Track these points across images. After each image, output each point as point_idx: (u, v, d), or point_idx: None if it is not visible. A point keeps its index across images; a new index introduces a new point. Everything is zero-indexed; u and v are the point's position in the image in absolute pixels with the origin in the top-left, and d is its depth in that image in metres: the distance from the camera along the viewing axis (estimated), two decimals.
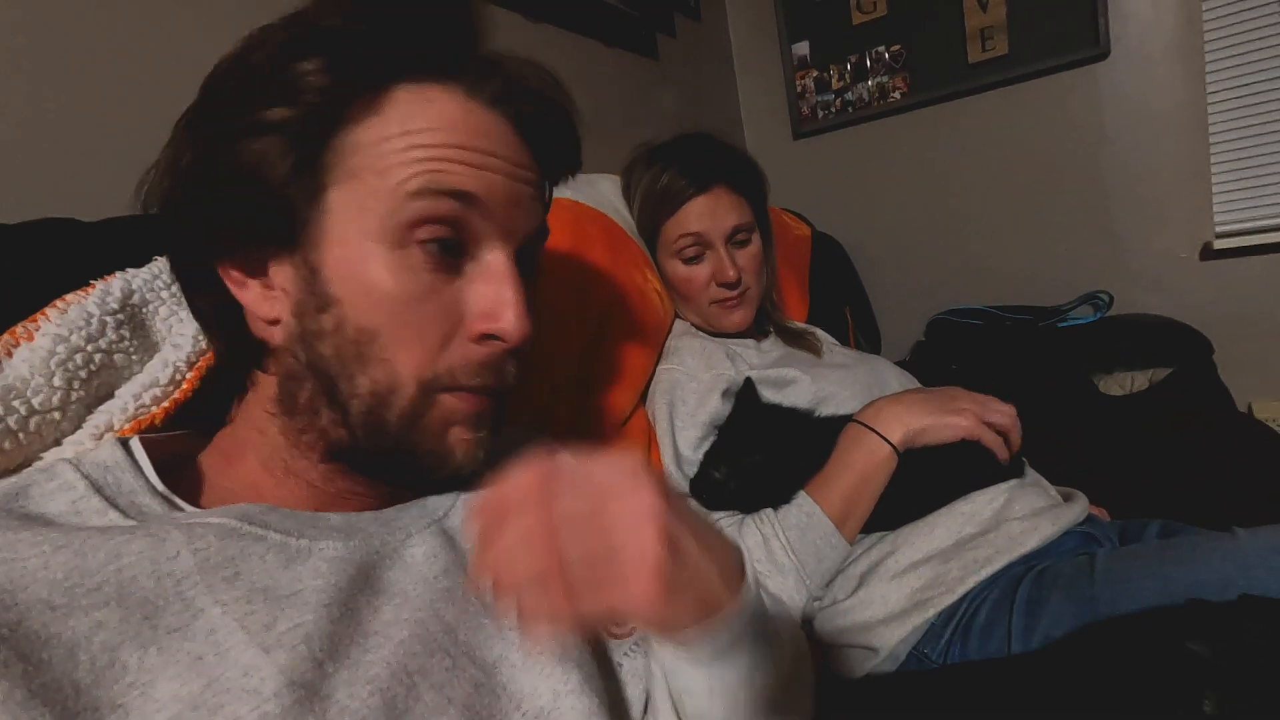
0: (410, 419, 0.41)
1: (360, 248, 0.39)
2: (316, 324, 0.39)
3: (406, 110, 0.39)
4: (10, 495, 0.35)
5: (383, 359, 0.39)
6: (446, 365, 0.41)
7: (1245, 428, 1.24)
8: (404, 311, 0.39)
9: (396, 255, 0.39)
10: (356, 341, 0.39)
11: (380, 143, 0.38)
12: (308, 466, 0.43)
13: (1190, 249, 1.67)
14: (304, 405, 0.41)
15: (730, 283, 0.90)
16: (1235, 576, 0.56)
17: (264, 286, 0.41)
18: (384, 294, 0.39)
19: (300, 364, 0.41)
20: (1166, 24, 1.59)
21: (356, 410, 0.40)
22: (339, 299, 0.39)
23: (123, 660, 0.29)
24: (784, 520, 0.71)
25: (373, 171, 0.38)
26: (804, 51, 2.01)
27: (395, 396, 0.40)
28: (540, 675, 0.40)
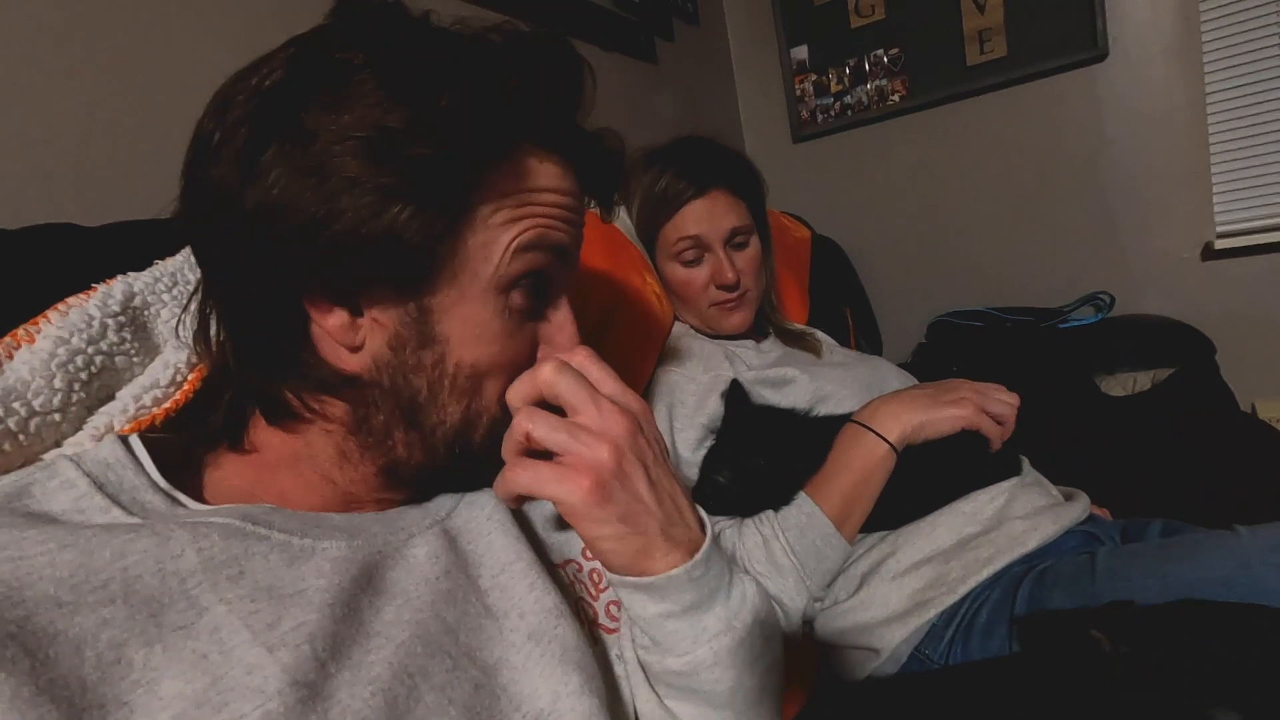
0: (494, 436, 0.43)
1: (475, 294, 0.41)
2: (415, 358, 0.41)
3: (521, 168, 0.42)
4: (13, 494, 0.35)
5: (479, 390, 0.43)
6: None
7: (1248, 427, 1.23)
8: (503, 348, 0.43)
9: (500, 300, 0.42)
10: (456, 375, 0.42)
11: (498, 198, 0.41)
12: (354, 477, 0.44)
13: (1191, 249, 1.67)
14: (378, 427, 0.43)
15: (729, 285, 0.90)
16: (1236, 574, 0.56)
17: (351, 315, 0.41)
18: (493, 335, 0.42)
19: (381, 391, 0.42)
20: (1164, 25, 1.60)
21: (443, 434, 0.43)
22: (445, 338, 0.41)
23: (128, 657, 0.29)
24: (783, 521, 0.71)
25: (496, 224, 0.41)
26: (803, 55, 2.02)
27: (484, 420, 0.43)
28: (540, 677, 0.40)
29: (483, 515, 0.47)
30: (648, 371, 0.86)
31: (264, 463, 0.44)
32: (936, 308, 1.87)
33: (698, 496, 0.76)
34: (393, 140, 0.36)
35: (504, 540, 0.46)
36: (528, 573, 0.45)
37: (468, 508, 0.47)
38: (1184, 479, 1.01)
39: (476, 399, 0.43)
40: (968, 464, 0.77)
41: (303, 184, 0.36)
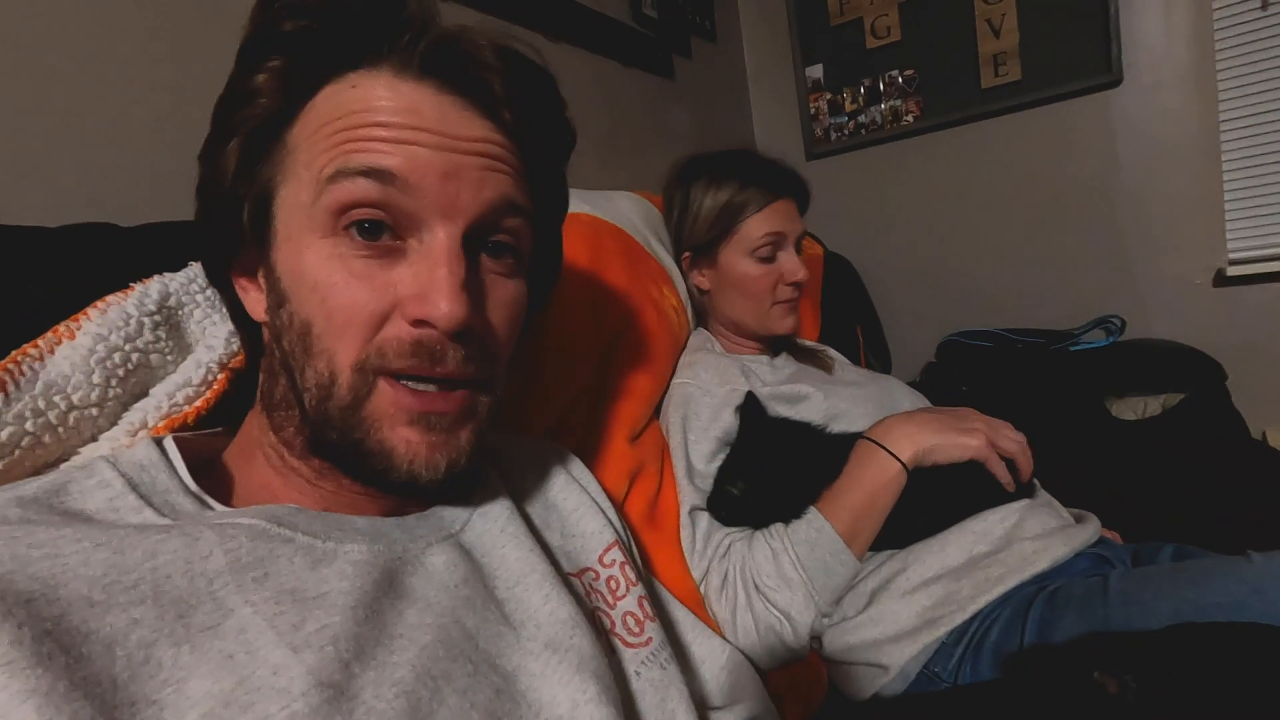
0: (350, 408, 0.39)
1: (298, 241, 0.39)
2: (278, 319, 0.41)
3: (331, 101, 0.39)
4: (51, 492, 0.36)
5: (322, 350, 0.39)
6: (377, 346, 0.38)
7: (1260, 455, 1.23)
8: (333, 299, 0.38)
9: (328, 244, 0.38)
10: (301, 335, 0.39)
11: (309, 136, 0.39)
12: (299, 464, 0.43)
13: (1203, 275, 1.67)
14: (279, 401, 0.43)
15: (800, 282, 0.93)
16: (1249, 599, 0.56)
17: (257, 290, 0.43)
18: (314, 283, 0.38)
19: (276, 361, 0.42)
20: (1179, 52, 1.61)
21: (308, 403, 0.40)
22: (288, 294, 0.40)
23: (158, 657, 0.30)
24: (793, 536, 0.72)
25: (303, 165, 0.39)
26: (818, 74, 2.04)
27: (335, 386, 0.39)
28: (559, 685, 0.40)
29: (496, 528, 0.48)
30: (664, 383, 0.87)
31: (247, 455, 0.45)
32: (946, 327, 1.87)
33: (712, 507, 0.77)
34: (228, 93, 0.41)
35: (517, 553, 0.47)
36: (542, 584, 0.45)
37: (481, 520, 0.48)
38: (1195, 504, 1.01)
39: (324, 361, 0.39)
40: (979, 483, 0.78)
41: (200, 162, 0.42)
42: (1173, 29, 1.60)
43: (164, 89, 0.74)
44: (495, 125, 0.41)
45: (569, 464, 0.61)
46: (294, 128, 0.40)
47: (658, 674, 0.48)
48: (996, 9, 1.75)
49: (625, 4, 1.57)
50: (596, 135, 1.47)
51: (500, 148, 0.41)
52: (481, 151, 0.40)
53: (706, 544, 0.75)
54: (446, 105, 0.40)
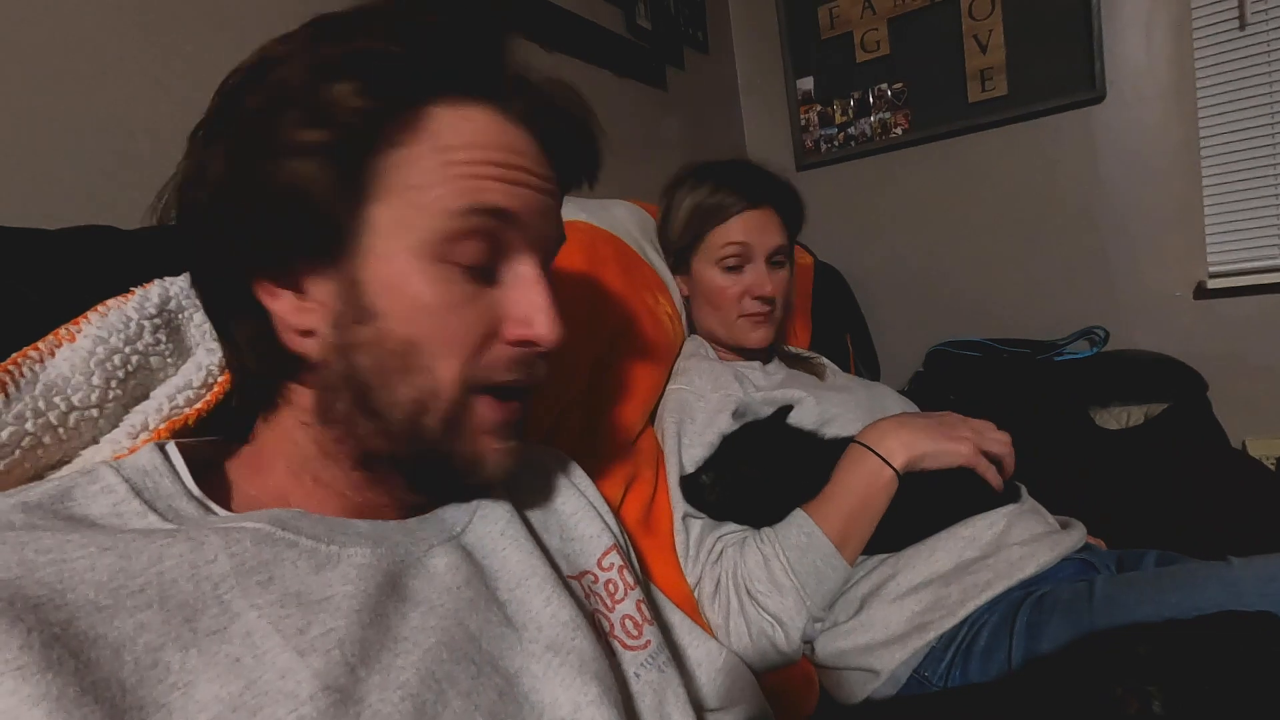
0: (449, 424, 0.42)
1: (402, 262, 0.40)
2: (355, 336, 0.40)
3: (444, 128, 0.40)
4: (56, 497, 0.36)
5: (424, 367, 0.40)
6: (484, 363, 0.42)
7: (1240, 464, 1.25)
8: (445, 321, 0.40)
9: (437, 268, 0.40)
10: (398, 352, 0.40)
11: (419, 159, 0.40)
12: (338, 475, 0.44)
13: (1184, 288, 1.71)
14: (341, 415, 0.42)
15: (765, 297, 0.92)
16: (1230, 603, 0.57)
17: (298, 298, 0.41)
18: (425, 306, 0.40)
19: (337, 375, 0.41)
20: (1160, 69, 1.65)
21: (397, 418, 0.41)
22: (380, 312, 0.40)
23: (165, 661, 0.30)
24: (784, 540, 0.72)
25: (413, 188, 0.39)
26: (808, 86, 2.07)
27: (436, 402, 0.41)
28: (560, 686, 0.41)
29: (495, 531, 0.48)
30: (658, 389, 0.88)
31: (266, 467, 0.45)
32: (934, 337, 1.89)
33: (684, 490, 0.77)
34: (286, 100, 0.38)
35: (518, 555, 0.47)
36: (543, 587, 0.46)
37: (481, 523, 0.48)
38: (1178, 512, 1.02)
39: (424, 376, 0.40)
40: (967, 489, 0.79)
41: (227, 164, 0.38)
42: (1154, 47, 1.64)
43: (165, 91, 0.75)
44: (555, 170, 0.46)
45: (567, 469, 0.61)
46: (395, 147, 0.39)
47: (656, 676, 0.49)
48: (984, 25, 1.78)
49: (620, 15, 1.59)
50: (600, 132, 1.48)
51: (557, 189, 0.47)
52: (552, 192, 0.46)
53: (700, 549, 0.76)
54: (536, 150, 0.44)
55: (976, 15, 1.79)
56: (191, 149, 0.41)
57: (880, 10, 1.91)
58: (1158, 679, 0.43)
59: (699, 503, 0.77)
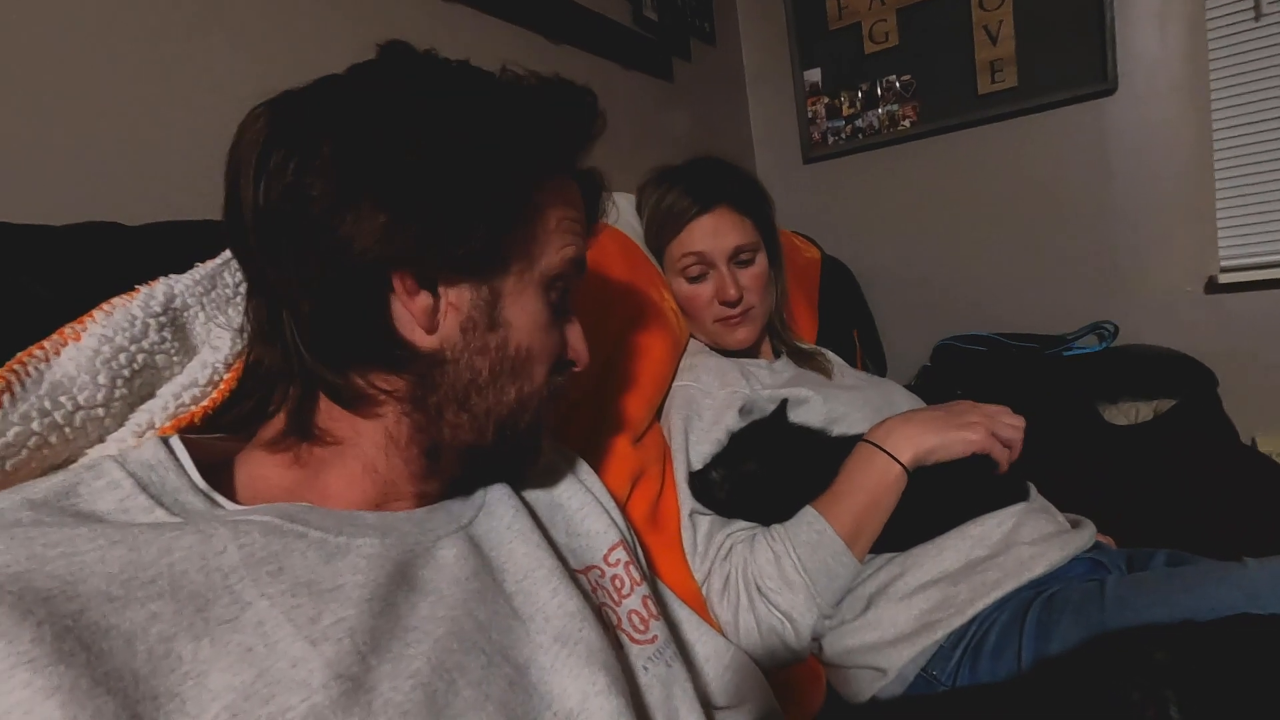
0: (537, 414, 0.49)
1: (528, 289, 0.47)
2: (482, 340, 0.45)
3: (560, 192, 0.49)
4: (61, 493, 0.36)
5: (529, 372, 0.48)
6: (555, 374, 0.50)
7: (1251, 460, 1.24)
8: (548, 338, 0.49)
9: (543, 298, 0.48)
10: (516, 359, 0.46)
11: (545, 216, 0.48)
12: (397, 464, 0.46)
13: (1195, 282, 1.69)
14: (432, 406, 0.45)
15: (730, 301, 0.91)
16: (1244, 605, 0.57)
17: (434, 299, 0.44)
18: (542, 324, 0.48)
19: (444, 370, 0.45)
20: (1173, 62, 1.63)
21: (498, 414, 0.47)
22: (509, 323, 0.46)
23: (177, 651, 0.30)
24: (794, 537, 0.72)
25: (542, 237, 0.48)
26: (816, 78, 2.05)
27: (532, 401, 0.48)
28: (569, 676, 0.41)
29: (502, 525, 0.49)
30: (665, 385, 0.87)
31: (311, 459, 0.45)
32: (941, 331, 1.88)
33: (690, 486, 0.77)
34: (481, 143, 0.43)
35: (524, 548, 0.47)
36: (549, 579, 0.46)
37: (487, 517, 0.49)
38: (1187, 510, 1.02)
39: (528, 382, 0.47)
40: (976, 487, 0.79)
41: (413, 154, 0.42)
42: (1167, 39, 1.62)
43: (171, 88, 0.74)
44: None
45: (574, 465, 0.62)
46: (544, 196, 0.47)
47: (663, 670, 0.49)
48: (994, 16, 1.76)
49: (626, 6, 1.57)
50: None
51: None
52: None
53: (708, 546, 0.75)
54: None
55: (987, 6, 1.76)
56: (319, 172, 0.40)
57: (889, 1, 1.89)
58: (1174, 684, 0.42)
59: (708, 500, 0.77)
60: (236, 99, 0.42)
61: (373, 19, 0.95)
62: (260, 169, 0.40)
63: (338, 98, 0.42)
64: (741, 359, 0.95)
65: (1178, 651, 0.47)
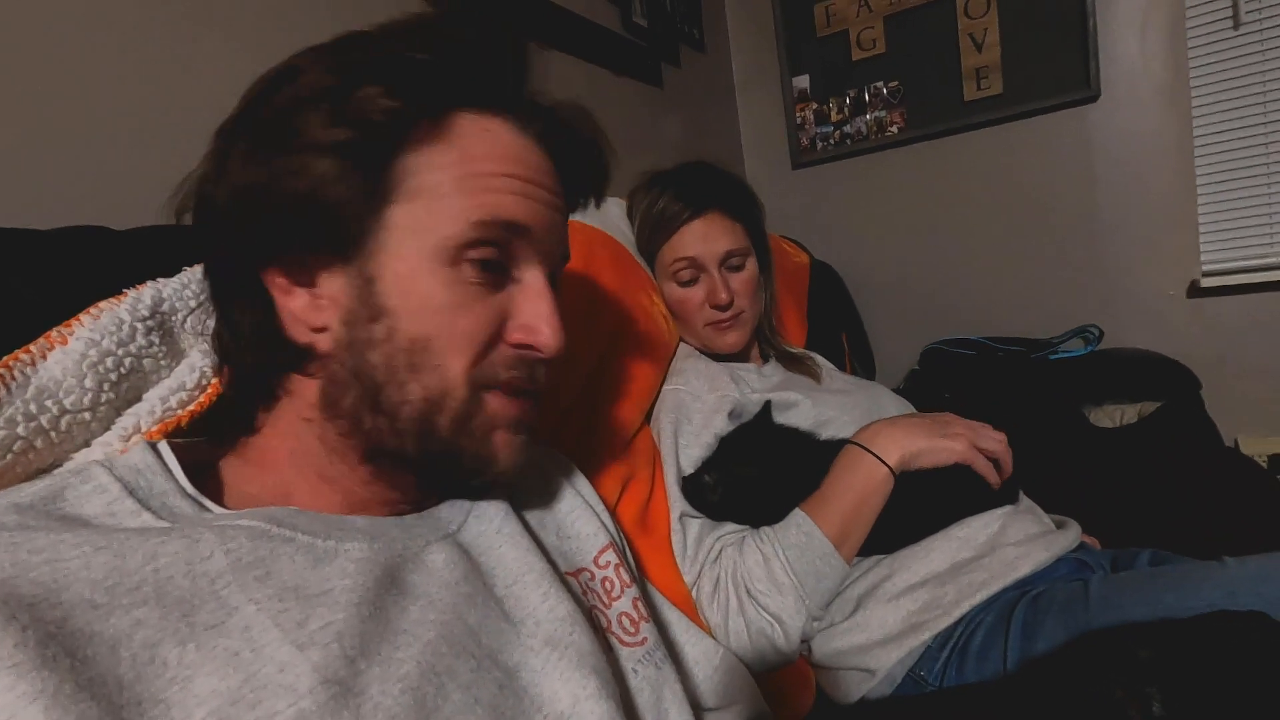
0: (461, 420, 0.43)
1: (417, 263, 0.41)
2: (367, 333, 0.41)
3: (467, 137, 0.42)
4: (48, 498, 0.36)
5: (435, 365, 0.41)
6: (489, 362, 0.43)
7: (1233, 462, 1.26)
8: (455, 320, 0.42)
9: (450, 271, 0.41)
10: (409, 350, 0.41)
11: (441, 167, 0.41)
12: (345, 471, 0.44)
13: (1178, 286, 1.72)
14: (347, 410, 0.42)
15: (722, 305, 0.92)
16: (1224, 603, 0.58)
17: (311, 295, 0.42)
18: (438, 305, 0.41)
19: (345, 370, 0.42)
20: (1155, 69, 1.65)
21: (408, 415, 0.42)
22: (392, 310, 0.41)
23: (163, 656, 0.30)
24: (783, 540, 0.73)
25: (433, 194, 0.41)
26: (804, 85, 2.07)
27: (448, 399, 0.42)
28: (560, 680, 0.41)
29: (491, 529, 0.48)
30: (655, 389, 0.88)
31: (269, 463, 0.45)
32: (930, 335, 1.89)
33: (683, 491, 0.77)
34: (313, 101, 0.39)
35: (514, 553, 0.47)
36: (540, 583, 0.46)
37: (476, 521, 0.48)
38: (1171, 511, 1.03)
39: (435, 375, 0.41)
40: (963, 489, 0.79)
41: (247, 161, 0.40)
42: (1149, 47, 1.65)
43: (160, 91, 0.74)
44: (563, 185, 0.48)
45: (564, 469, 0.62)
46: (418, 151, 0.41)
47: (653, 672, 0.49)
48: (979, 24, 1.79)
49: (616, 13, 1.58)
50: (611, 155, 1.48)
51: (564, 204, 0.49)
52: (561, 209, 0.48)
53: (698, 549, 0.76)
54: (548, 166, 0.46)
55: (972, 14, 1.79)
56: (214, 147, 0.41)
57: (876, 8, 1.91)
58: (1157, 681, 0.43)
59: (701, 504, 0.77)
60: (227, 103, 0.42)
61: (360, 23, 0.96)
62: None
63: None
64: (731, 363, 0.96)
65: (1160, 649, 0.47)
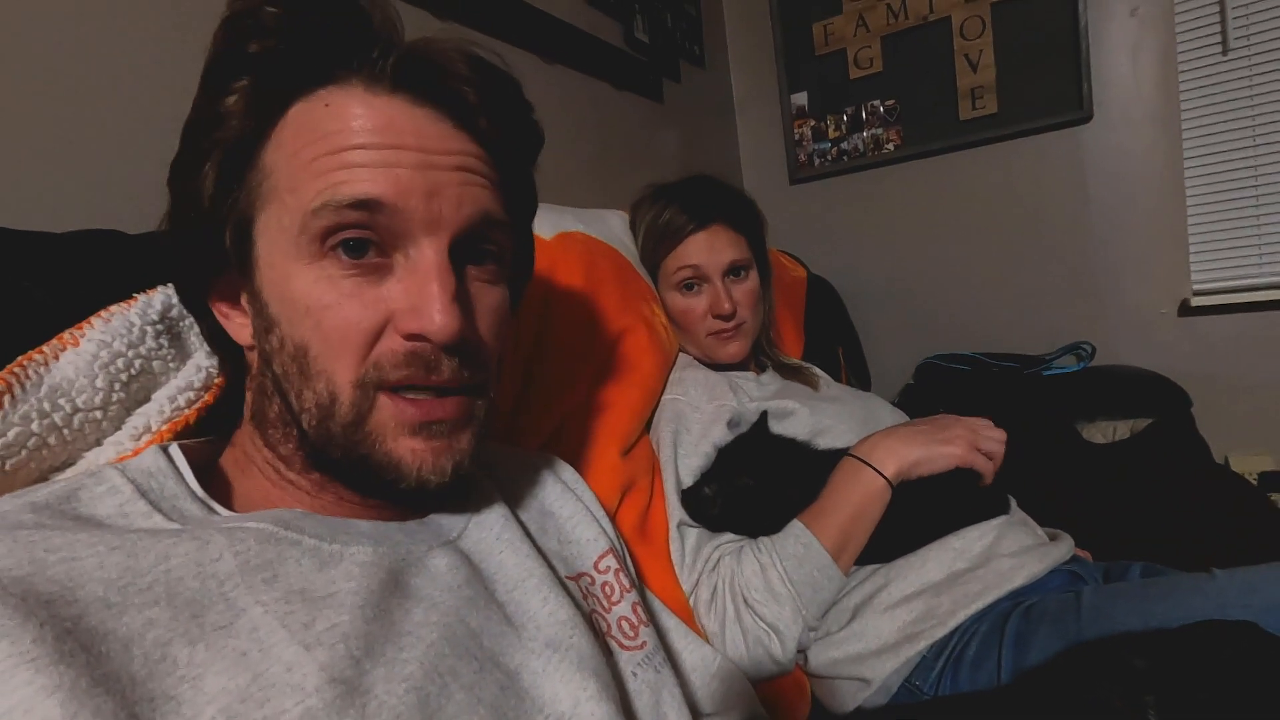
0: (353, 425, 0.40)
1: (283, 267, 0.39)
2: (268, 344, 0.41)
3: (303, 121, 0.39)
4: (63, 498, 0.36)
5: (320, 371, 0.39)
6: (374, 361, 0.39)
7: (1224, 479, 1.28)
8: (328, 321, 0.39)
9: (314, 268, 0.39)
10: (296, 358, 0.40)
11: (287, 160, 0.39)
12: (297, 477, 0.44)
13: (1169, 305, 1.74)
14: (273, 420, 0.43)
15: (725, 315, 0.93)
16: (1214, 614, 0.59)
17: (241, 315, 0.43)
18: (307, 308, 0.39)
19: (267, 382, 0.43)
20: (1146, 93, 1.69)
21: (307, 424, 0.41)
22: (277, 319, 0.40)
23: (173, 655, 0.30)
24: (781, 550, 0.73)
25: (285, 190, 0.39)
26: (802, 101, 2.10)
27: (337, 405, 0.40)
28: (560, 682, 0.41)
29: (491, 536, 0.49)
30: (655, 398, 0.88)
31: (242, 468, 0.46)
32: (924, 350, 1.91)
33: (684, 504, 0.78)
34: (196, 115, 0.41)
35: (514, 559, 0.48)
36: (540, 587, 0.47)
37: (476, 528, 0.49)
38: (1162, 525, 1.04)
39: (323, 382, 0.39)
40: (958, 500, 0.80)
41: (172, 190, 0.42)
42: (1140, 70, 1.68)
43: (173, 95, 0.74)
44: (470, 136, 0.42)
45: (564, 474, 0.62)
46: (268, 150, 0.39)
47: (652, 676, 0.50)
48: (974, 45, 1.82)
49: (618, 28, 1.61)
50: (589, 154, 1.50)
51: (477, 159, 0.42)
52: (460, 165, 0.41)
53: (696, 558, 0.76)
54: (421, 119, 0.40)
55: (968, 35, 1.82)
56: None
57: (874, 28, 1.94)
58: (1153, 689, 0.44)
59: (702, 516, 0.78)
60: None
61: None
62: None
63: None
64: (730, 373, 0.97)
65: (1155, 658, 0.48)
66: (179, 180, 0.41)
